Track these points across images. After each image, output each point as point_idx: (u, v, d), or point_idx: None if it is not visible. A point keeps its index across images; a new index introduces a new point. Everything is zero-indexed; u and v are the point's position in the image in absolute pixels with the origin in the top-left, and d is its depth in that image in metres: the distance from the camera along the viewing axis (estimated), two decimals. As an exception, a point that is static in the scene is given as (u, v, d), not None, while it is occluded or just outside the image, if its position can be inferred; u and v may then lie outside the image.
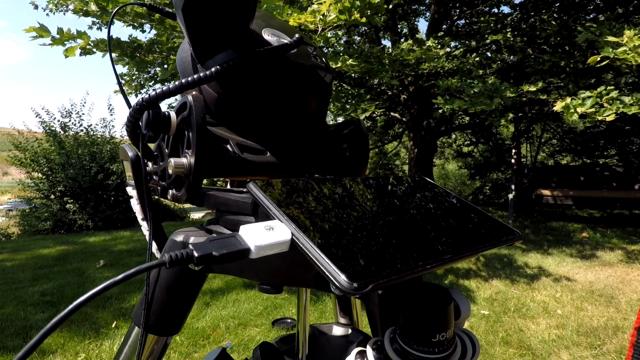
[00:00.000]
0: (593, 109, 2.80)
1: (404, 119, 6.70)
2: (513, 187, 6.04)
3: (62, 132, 6.40)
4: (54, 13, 4.83)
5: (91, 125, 6.72)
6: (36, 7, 4.85)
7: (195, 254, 0.22)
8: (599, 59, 2.69)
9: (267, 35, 0.44)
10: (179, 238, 0.39)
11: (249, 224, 0.23)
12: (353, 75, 4.50)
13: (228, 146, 0.42)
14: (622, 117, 2.83)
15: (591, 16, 5.50)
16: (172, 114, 0.38)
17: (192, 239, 0.38)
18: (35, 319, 2.38)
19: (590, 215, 7.62)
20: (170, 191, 0.40)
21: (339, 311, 0.64)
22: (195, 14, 0.37)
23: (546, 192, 6.94)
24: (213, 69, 0.38)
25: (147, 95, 0.37)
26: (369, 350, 0.28)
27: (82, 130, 6.61)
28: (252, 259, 0.24)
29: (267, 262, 0.24)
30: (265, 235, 0.22)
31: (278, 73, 0.42)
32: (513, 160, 6.34)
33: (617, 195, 6.50)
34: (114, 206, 6.20)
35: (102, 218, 6.02)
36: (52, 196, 6.13)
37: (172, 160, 0.37)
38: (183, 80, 0.38)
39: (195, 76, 0.38)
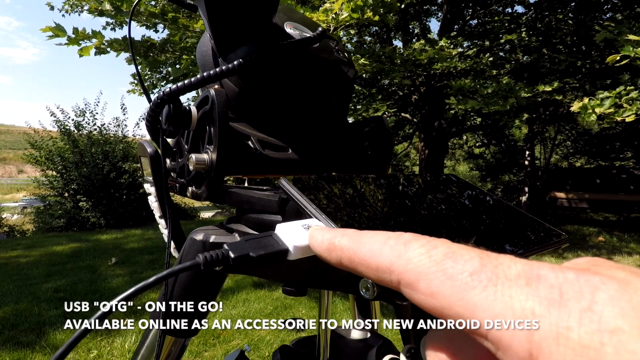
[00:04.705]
0: (612, 110, 2.73)
1: (414, 120, 6.64)
2: (526, 189, 5.94)
3: (76, 131, 6.51)
4: (69, 14, 4.92)
5: (104, 124, 6.83)
6: (52, 8, 4.93)
7: (232, 255, 0.20)
8: (618, 57, 2.61)
9: (289, 29, 0.43)
10: (199, 237, 0.38)
11: (284, 222, 0.21)
12: (364, 75, 4.47)
13: (249, 142, 0.40)
14: (639, 119, 2.75)
15: (608, 15, 5.38)
16: (193, 109, 0.37)
17: (212, 238, 0.37)
18: (49, 315, 2.41)
19: (606, 219, 7.46)
20: (190, 188, 0.39)
21: (358, 313, 0.62)
22: (218, 5, 0.36)
23: (560, 195, 6.81)
24: (235, 62, 0.37)
25: (167, 89, 0.36)
26: (402, 358, 0.26)
27: (95, 130, 6.72)
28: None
29: (293, 263, 0.22)
30: (303, 235, 0.20)
31: (301, 67, 0.41)
32: (526, 162, 6.23)
33: (634, 198, 6.35)
34: (125, 204, 6.29)
35: (114, 216, 6.11)
36: (66, 194, 6.24)
37: (193, 156, 0.35)
38: (205, 74, 0.37)
39: (217, 69, 0.37)
